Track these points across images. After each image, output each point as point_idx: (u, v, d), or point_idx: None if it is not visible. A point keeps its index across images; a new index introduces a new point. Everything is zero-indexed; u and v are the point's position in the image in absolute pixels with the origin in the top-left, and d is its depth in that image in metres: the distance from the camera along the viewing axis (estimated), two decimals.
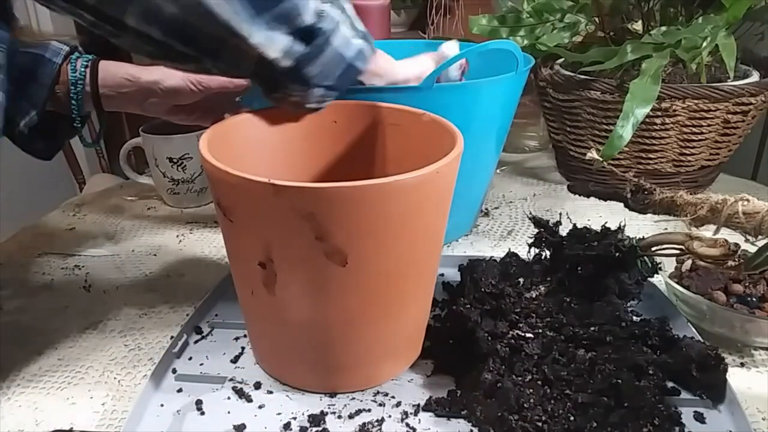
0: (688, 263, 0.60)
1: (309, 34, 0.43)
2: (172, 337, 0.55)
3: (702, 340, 0.50)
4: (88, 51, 0.60)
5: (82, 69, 0.57)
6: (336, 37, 0.44)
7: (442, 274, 0.62)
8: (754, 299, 0.55)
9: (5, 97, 0.46)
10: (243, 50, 0.41)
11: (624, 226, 0.58)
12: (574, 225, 0.59)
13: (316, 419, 0.45)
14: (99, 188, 1.05)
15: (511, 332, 0.50)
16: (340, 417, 0.46)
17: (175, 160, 0.83)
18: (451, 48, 0.63)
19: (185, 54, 0.42)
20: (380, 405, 0.47)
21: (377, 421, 0.45)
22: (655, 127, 0.79)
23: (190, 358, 0.53)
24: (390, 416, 0.46)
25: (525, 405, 0.44)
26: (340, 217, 0.39)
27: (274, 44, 0.42)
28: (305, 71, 0.44)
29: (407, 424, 0.45)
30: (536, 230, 0.60)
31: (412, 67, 0.59)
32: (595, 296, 0.55)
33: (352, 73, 0.47)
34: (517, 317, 0.52)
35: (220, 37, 0.40)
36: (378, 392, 0.49)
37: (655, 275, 0.58)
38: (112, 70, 0.58)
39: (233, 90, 0.61)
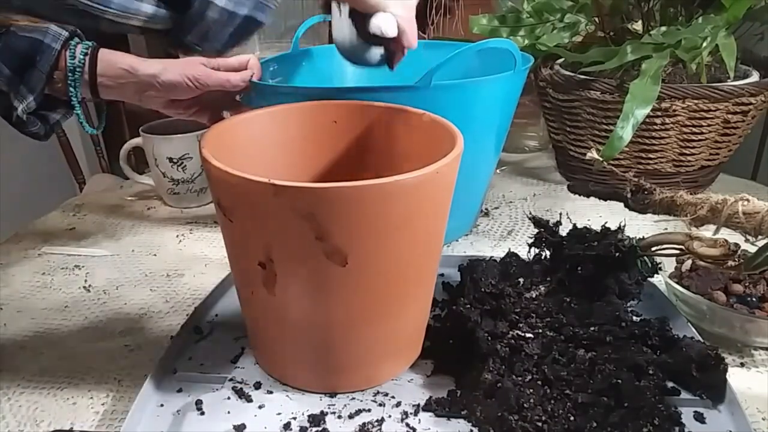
0: (688, 263, 0.60)
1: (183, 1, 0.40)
2: (172, 337, 0.55)
3: (702, 340, 0.50)
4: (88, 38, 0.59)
5: (81, 57, 0.57)
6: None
7: (442, 274, 0.62)
8: (754, 299, 0.55)
9: None
10: (114, 20, 0.38)
11: (624, 226, 0.57)
12: (574, 225, 0.59)
13: (316, 419, 0.45)
14: (99, 188, 1.05)
15: (511, 332, 0.50)
16: (340, 417, 0.46)
17: (175, 160, 0.83)
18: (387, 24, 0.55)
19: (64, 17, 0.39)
20: (380, 405, 0.47)
21: (377, 421, 0.45)
22: (655, 127, 0.79)
23: (190, 358, 0.53)
24: (390, 416, 0.46)
25: (525, 405, 0.44)
26: (340, 217, 0.39)
27: (137, 15, 0.39)
28: (183, 39, 0.41)
29: (407, 424, 0.45)
30: (536, 230, 0.60)
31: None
32: (595, 296, 0.55)
33: (251, 25, 0.43)
34: (517, 317, 0.52)
35: (80, 8, 0.37)
36: (378, 392, 0.49)
37: (655, 275, 0.58)
38: (112, 60, 0.58)
39: (231, 89, 0.61)
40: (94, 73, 0.57)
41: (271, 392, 0.49)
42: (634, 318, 0.54)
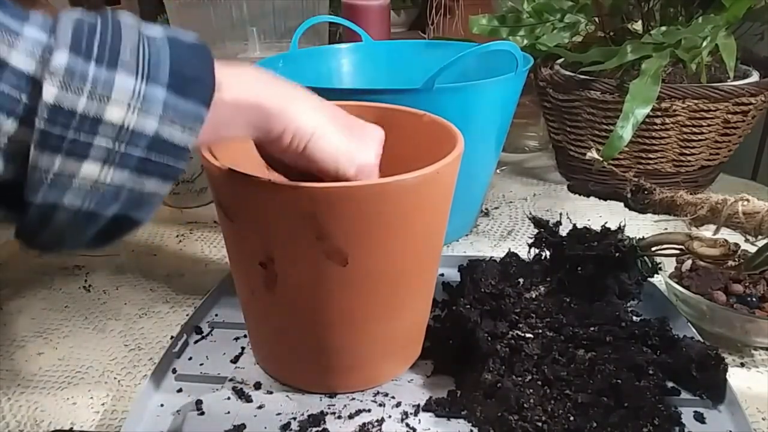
0: (688, 263, 0.60)
1: (23, 203, 0.29)
2: (172, 337, 0.55)
3: (702, 340, 0.50)
4: None
5: None
6: (69, 196, 0.29)
7: (442, 274, 0.62)
8: (754, 299, 0.55)
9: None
10: None
11: (624, 226, 0.57)
12: (574, 225, 0.59)
13: (316, 419, 0.45)
14: None
15: (511, 332, 0.50)
16: (340, 417, 0.46)
17: None
18: None
19: None
20: (380, 405, 0.47)
21: (377, 421, 0.45)
22: (655, 127, 0.79)
23: (190, 358, 0.53)
24: (390, 416, 0.46)
25: (525, 405, 0.44)
26: (340, 217, 0.39)
27: None
28: (31, 242, 0.32)
29: (407, 425, 0.45)
30: (536, 230, 0.60)
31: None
32: (595, 296, 0.55)
33: (126, 225, 0.32)
34: (517, 317, 0.52)
35: None
36: (378, 392, 0.49)
37: (655, 275, 0.58)
38: None
39: None
40: None
41: (271, 392, 0.49)
42: (634, 318, 0.54)
